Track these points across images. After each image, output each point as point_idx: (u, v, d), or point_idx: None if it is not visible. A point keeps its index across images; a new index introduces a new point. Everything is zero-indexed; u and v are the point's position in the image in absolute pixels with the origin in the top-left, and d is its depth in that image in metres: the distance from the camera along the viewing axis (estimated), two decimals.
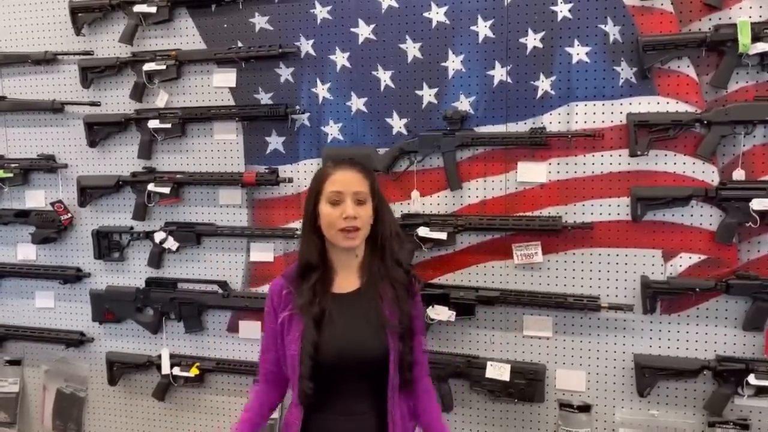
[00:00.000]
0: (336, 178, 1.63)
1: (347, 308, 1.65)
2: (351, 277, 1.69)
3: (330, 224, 1.61)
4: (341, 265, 1.69)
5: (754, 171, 2.07)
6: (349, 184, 1.62)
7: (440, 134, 2.31)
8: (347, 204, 1.60)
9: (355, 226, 1.61)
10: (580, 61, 2.18)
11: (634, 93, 2.15)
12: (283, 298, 1.67)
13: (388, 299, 1.65)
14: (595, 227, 2.20)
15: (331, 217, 1.61)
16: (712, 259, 2.12)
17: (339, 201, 1.61)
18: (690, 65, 2.09)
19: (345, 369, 1.61)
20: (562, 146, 2.22)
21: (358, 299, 1.66)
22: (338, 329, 1.61)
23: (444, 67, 2.31)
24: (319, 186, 1.65)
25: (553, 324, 2.29)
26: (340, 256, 1.68)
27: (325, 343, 1.59)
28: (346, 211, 1.59)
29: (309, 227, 1.67)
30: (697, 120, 2.06)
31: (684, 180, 2.12)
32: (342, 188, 1.62)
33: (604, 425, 2.26)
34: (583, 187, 2.22)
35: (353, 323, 1.63)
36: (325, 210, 1.62)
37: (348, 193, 1.61)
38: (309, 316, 1.60)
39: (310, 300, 1.61)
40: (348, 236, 1.61)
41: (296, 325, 1.62)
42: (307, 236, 1.68)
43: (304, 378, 1.58)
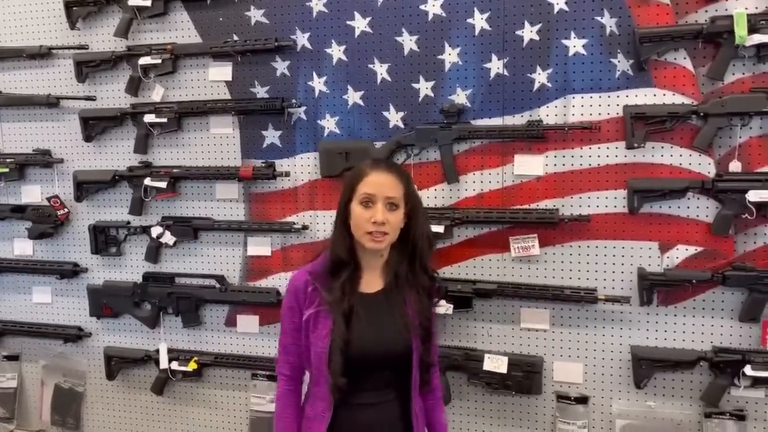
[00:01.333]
0: (370, 180, 1.62)
1: (373, 308, 1.66)
2: (375, 277, 1.70)
3: (358, 225, 1.62)
4: (367, 264, 1.69)
5: (750, 162, 2.07)
6: (382, 188, 1.61)
7: (437, 127, 2.31)
8: (378, 208, 1.60)
9: (383, 231, 1.61)
10: (577, 53, 2.18)
11: (630, 85, 2.14)
12: (308, 294, 1.66)
13: (411, 302, 1.69)
14: (592, 220, 2.20)
15: (360, 218, 1.61)
16: (709, 251, 2.13)
17: (370, 203, 1.61)
18: (686, 57, 2.09)
19: (371, 365, 1.64)
20: (559, 139, 2.22)
21: (384, 300, 1.68)
22: (366, 327, 1.62)
23: (440, 60, 2.31)
24: (354, 185, 1.64)
25: (551, 316, 2.30)
26: (366, 256, 1.68)
27: (353, 340, 1.60)
28: (376, 216, 1.59)
29: (340, 223, 1.67)
30: (694, 112, 2.06)
31: (680, 172, 2.12)
32: (375, 191, 1.61)
33: (602, 417, 2.27)
34: (580, 180, 2.22)
35: (380, 322, 1.65)
36: (356, 210, 1.62)
37: (380, 197, 1.61)
38: (339, 313, 1.60)
39: (341, 297, 1.62)
40: (374, 239, 1.61)
41: (324, 322, 1.62)
42: (338, 231, 1.68)
43: (336, 374, 1.58)
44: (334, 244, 1.68)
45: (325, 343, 1.60)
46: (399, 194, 1.64)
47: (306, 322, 1.65)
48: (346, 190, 1.67)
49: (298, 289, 1.68)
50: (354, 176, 1.67)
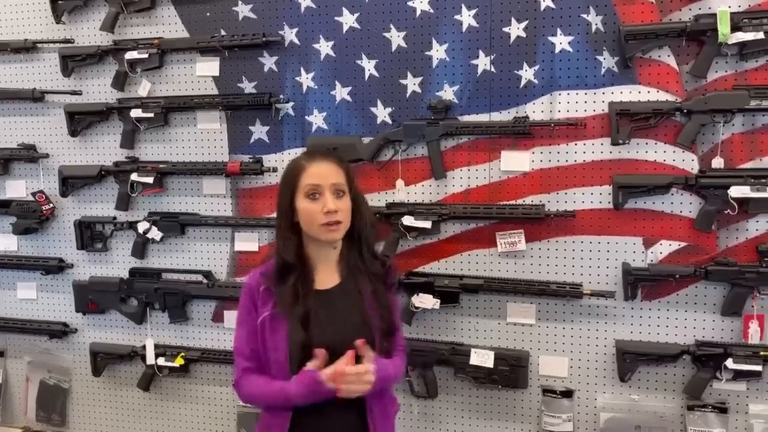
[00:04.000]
0: (312, 171, 1.59)
1: (330, 305, 1.62)
2: (330, 272, 1.66)
3: (310, 220, 1.57)
4: (320, 259, 1.65)
5: (732, 159, 2.10)
6: (326, 177, 1.59)
7: (424, 123, 2.32)
8: (327, 197, 1.57)
9: (337, 220, 1.58)
10: (563, 50, 2.20)
11: (615, 82, 2.17)
12: (260, 294, 1.62)
13: (368, 293, 1.64)
14: (578, 215, 2.22)
15: (311, 212, 1.57)
16: (692, 246, 2.16)
17: (317, 194, 1.57)
18: (670, 55, 2.12)
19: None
20: (545, 135, 2.24)
21: (340, 295, 1.63)
22: (324, 328, 1.58)
23: (428, 56, 2.32)
24: (294, 180, 1.60)
25: (537, 311, 2.32)
26: (318, 251, 1.65)
27: (313, 342, 1.55)
28: (327, 204, 1.56)
29: (285, 224, 1.62)
30: (678, 109, 2.09)
31: (665, 168, 2.15)
32: (319, 181, 1.58)
33: (586, 410, 2.29)
34: (566, 176, 2.24)
35: (338, 321, 1.61)
36: (303, 205, 1.58)
37: (326, 185, 1.58)
38: (294, 317, 1.56)
39: (293, 300, 1.57)
40: (330, 229, 1.58)
41: (280, 326, 1.58)
42: (283, 234, 1.63)
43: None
44: (280, 248, 1.63)
45: (284, 348, 1.56)
46: (343, 180, 1.61)
47: (261, 325, 1.60)
48: (286, 189, 1.62)
49: (253, 288, 1.63)
50: (292, 172, 1.62)
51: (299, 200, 1.59)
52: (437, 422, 2.44)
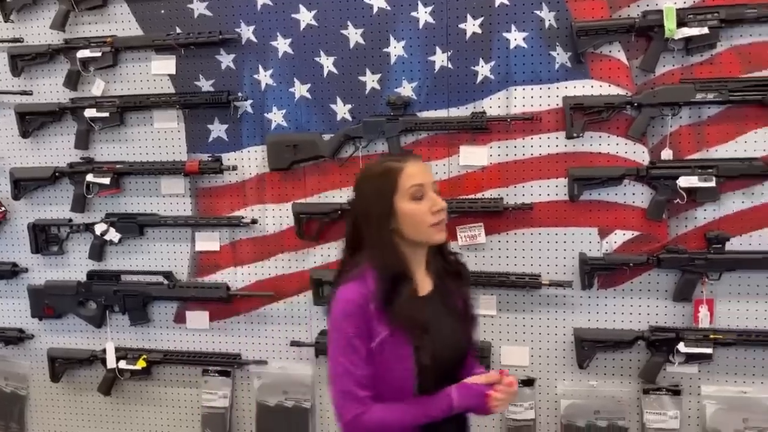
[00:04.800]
0: (411, 171, 1.48)
1: (436, 311, 1.52)
2: (423, 277, 1.55)
3: (419, 221, 1.46)
4: (415, 266, 1.53)
5: (681, 150, 2.18)
6: (426, 176, 1.51)
7: (384, 120, 2.33)
8: (432, 196, 1.48)
9: (444, 219, 1.51)
10: (518, 46, 2.24)
11: (569, 77, 2.22)
12: (372, 315, 1.44)
13: (457, 294, 1.59)
14: (535, 207, 2.27)
15: (418, 213, 1.46)
16: (645, 235, 2.23)
17: (422, 195, 1.47)
18: (621, 50, 2.18)
19: (450, 371, 1.52)
20: (502, 130, 2.28)
21: (438, 300, 1.53)
22: (441, 336, 1.48)
23: (386, 53, 2.34)
24: (392, 184, 1.47)
25: (497, 302, 2.36)
26: (414, 256, 1.52)
27: (437, 351, 1.45)
28: (438, 203, 1.47)
29: (384, 232, 1.47)
30: (628, 102, 2.16)
31: (617, 160, 2.22)
32: (422, 180, 1.48)
33: (547, 397, 2.35)
34: (523, 169, 2.29)
35: (447, 324, 1.52)
36: (408, 207, 1.46)
37: (428, 184, 1.49)
38: (418, 330, 1.44)
39: (411, 311, 1.44)
40: (440, 229, 1.49)
41: (402, 342, 1.44)
42: (385, 242, 1.48)
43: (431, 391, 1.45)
44: (384, 258, 1.47)
45: (410, 363, 1.43)
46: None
47: (379, 347, 1.43)
48: (384, 193, 1.48)
49: (363, 309, 1.43)
50: (387, 175, 1.48)
51: (402, 203, 1.47)
52: None
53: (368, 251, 1.49)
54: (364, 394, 1.42)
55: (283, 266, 2.49)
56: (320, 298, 2.43)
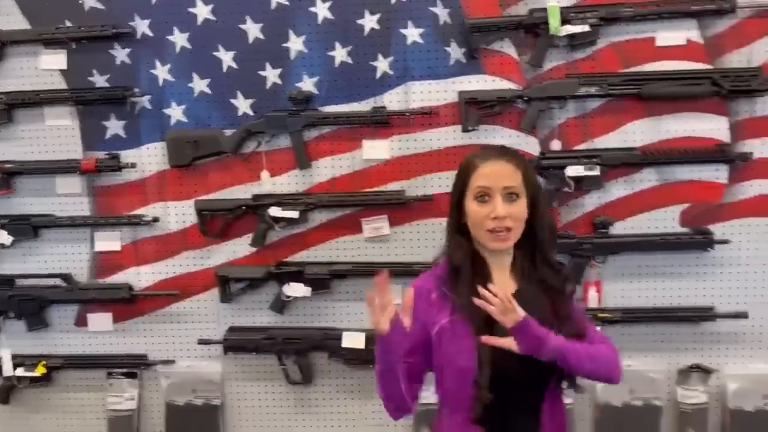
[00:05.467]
0: (483, 171, 1.43)
1: None
2: (505, 279, 1.49)
3: (477, 224, 1.44)
4: (494, 264, 1.48)
5: (568, 141, 2.31)
6: (498, 179, 1.42)
7: (286, 114, 2.34)
8: (496, 201, 1.41)
9: (507, 227, 1.42)
10: (415, 42, 2.30)
11: (464, 72, 2.30)
12: (433, 302, 1.45)
13: (546, 305, 1.47)
14: (435, 199, 2.34)
15: (478, 215, 1.43)
16: None
17: (487, 197, 1.43)
18: (511, 46, 2.28)
19: (519, 382, 1.43)
20: (403, 124, 2.34)
21: (522, 304, 1.39)
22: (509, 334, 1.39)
23: (286, 48, 2.34)
24: (464, 179, 1.46)
25: (403, 291, 2.41)
26: (491, 255, 1.48)
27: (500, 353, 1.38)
28: (495, 210, 1.40)
29: (453, 224, 1.50)
30: (519, 96, 2.26)
31: None
32: (490, 183, 1.42)
33: None
34: (423, 162, 2.36)
35: None
36: (471, 207, 1.44)
37: (497, 188, 1.42)
38: (479, 319, 1.39)
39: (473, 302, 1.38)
40: (498, 237, 1.42)
41: (463, 331, 1.41)
42: (452, 236, 1.50)
43: (483, 388, 1.38)
44: (450, 250, 1.49)
45: (470, 356, 1.39)
46: (518, 182, 1.44)
47: (438, 335, 1.43)
48: (456, 188, 1.49)
49: (419, 297, 1.44)
50: (464, 170, 1.48)
51: (468, 201, 1.45)
52: (315, 407, 2.50)
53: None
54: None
55: (188, 264, 2.46)
56: (227, 296, 2.42)
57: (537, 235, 1.49)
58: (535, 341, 1.37)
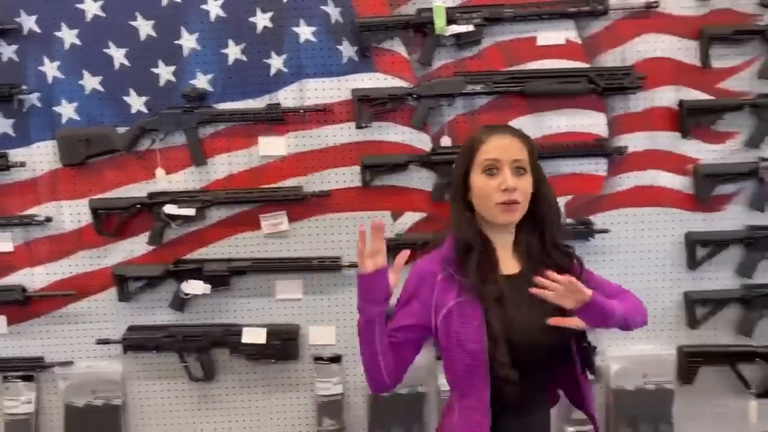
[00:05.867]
0: (491, 144, 1.43)
1: (519, 291, 1.41)
2: (509, 259, 1.49)
3: (485, 197, 1.42)
4: (497, 243, 1.48)
5: (458, 137, 2.39)
6: (507, 151, 1.42)
7: (180, 112, 2.34)
8: (505, 174, 1.41)
9: (514, 200, 1.41)
10: (308, 40, 2.34)
11: (356, 70, 2.35)
12: (438, 285, 1.43)
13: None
14: (332, 194, 2.39)
15: (486, 189, 1.42)
16: (432, 216, 2.43)
17: (495, 170, 1.42)
18: (401, 45, 2.35)
19: (531, 359, 1.42)
20: (298, 121, 2.37)
21: (525, 283, 1.38)
22: (521, 313, 1.40)
23: (179, 45, 2.34)
24: (470, 154, 1.45)
25: (303, 286, 2.47)
26: (494, 234, 1.48)
27: (510, 331, 1.38)
28: (506, 182, 1.40)
29: (458, 202, 1.48)
30: (409, 94, 2.33)
31: (404, 148, 2.39)
32: (499, 155, 1.42)
33: (354, 371, 2.49)
34: (320, 158, 2.40)
35: (529, 310, 1.41)
36: (478, 181, 1.43)
37: (506, 161, 1.41)
38: (489, 299, 1.38)
39: (483, 279, 1.39)
40: (507, 209, 1.42)
41: (472, 313, 1.39)
42: (458, 211, 1.47)
43: (505, 366, 1.36)
44: (457, 226, 1.46)
45: (479, 336, 1.38)
46: (525, 157, 1.44)
47: (446, 318, 1.41)
48: (462, 162, 1.47)
49: (424, 276, 1.45)
50: (470, 144, 1.47)
51: (474, 176, 1.44)
52: (218, 403, 2.51)
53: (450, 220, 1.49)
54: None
55: (84, 264, 2.43)
56: (125, 295, 2.41)
57: (542, 215, 1.49)
58: (603, 315, 1.38)
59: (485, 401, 1.40)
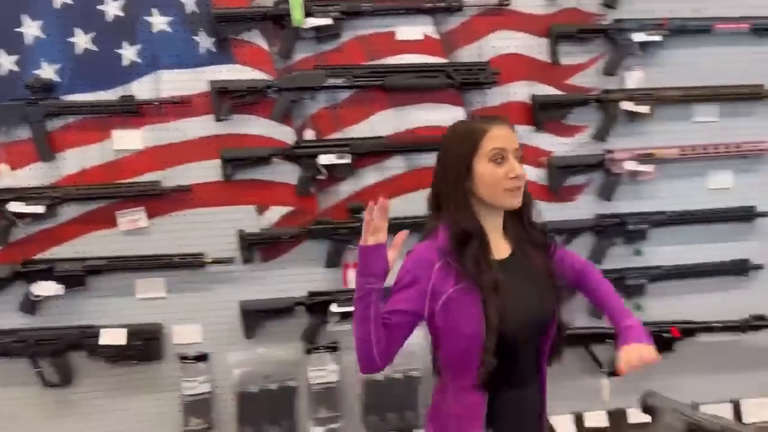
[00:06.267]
0: (496, 134, 1.48)
1: (512, 275, 1.50)
2: (500, 242, 1.56)
3: (494, 185, 1.48)
4: (490, 228, 1.54)
5: (322, 131, 2.39)
6: (510, 141, 1.49)
7: (24, 104, 2.21)
8: (512, 162, 1.47)
9: (519, 186, 1.49)
10: (162, 30, 2.27)
11: (214, 61, 2.30)
12: (435, 272, 1.46)
13: (539, 265, 1.56)
14: (194, 189, 2.33)
15: (495, 176, 1.47)
16: (298, 210, 2.42)
17: (501, 159, 1.47)
18: (261, 36, 2.32)
19: (524, 338, 1.52)
20: (154, 113, 2.30)
21: (517, 266, 1.53)
22: (515, 297, 1.48)
23: (20, 33, 2.21)
24: (474, 143, 1.48)
25: (166, 284, 2.40)
26: (487, 219, 1.53)
27: (507, 314, 1.45)
28: (515, 170, 1.47)
29: (459, 191, 1.50)
30: (269, 86, 2.30)
31: (267, 141, 2.36)
32: (505, 144, 1.48)
33: (221, 369, 2.45)
34: (179, 152, 2.33)
35: (525, 290, 1.51)
36: (485, 169, 1.47)
37: (510, 150, 1.48)
38: (486, 286, 1.44)
39: (480, 269, 1.45)
40: (515, 195, 1.49)
41: (470, 299, 1.45)
42: (459, 201, 1.50)
43: (488, 352, 1.44)
44: (456, 216, 1.50)
45: (478, 322, 1.44)
46: (519, 145, 1.53)
47: (444, 306, 1.46)
48: (463, 151, 1.49)
49: (424, 264, 1.47)
50: (470, 135, 1.50)
51: (480, 164, 1.48)
52: (76, 408, 2.40)
53: (444, 209, 1.52)
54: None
55: None
56: None
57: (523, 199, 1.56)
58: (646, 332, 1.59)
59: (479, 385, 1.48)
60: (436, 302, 1.47)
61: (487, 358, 1.45)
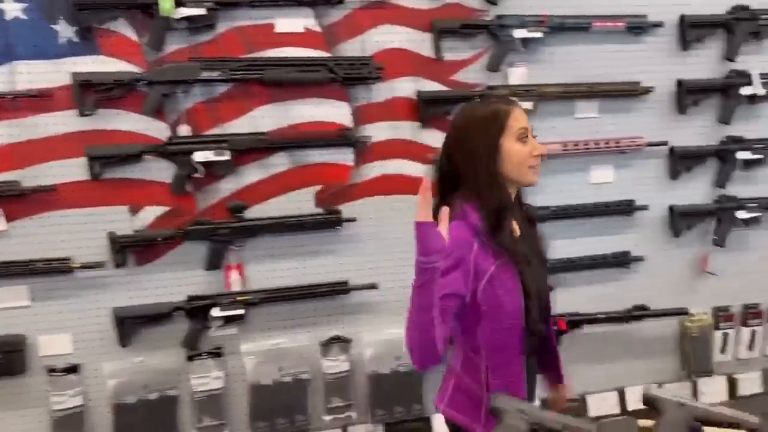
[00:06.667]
0: (518, 115, 1.54)
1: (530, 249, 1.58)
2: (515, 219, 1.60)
3: (521, 161, 1.53)
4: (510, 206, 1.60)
5: (199, 126, 2.28)
6: (527, 120, 1.56)
7: None
8: (534, 141, 1.55)
9: (539, 163, 1.56)
10: (17, 18, 2.09)
11: (76, 52, 2.15)
12: (474, 252, 1.47)
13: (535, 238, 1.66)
14: (58, 189, 2.18)
15: (521, 154, 1.52)
16: (175, 209, 2.30)
17: (526, 137, 1.53)
18: (129, 26, 2.18)
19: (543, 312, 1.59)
20: (10, 108, 2.12)
21: (529, 240, 1.61)
22: (535, 271, 1.56)
23: None
24: (502, 123, 1.52)
25: (30, 291, 2.22)
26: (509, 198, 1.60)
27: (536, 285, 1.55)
28: (538, 147, 1.55)
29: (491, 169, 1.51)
30: (138, 79, 2.17)
31: (138, 137, 2.23)
32: (527, 124, 1.54)
33: (95, 381, 2.30)
34: (40, 149, 2.17)
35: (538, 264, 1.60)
36: (514, 147, 1.52)
37: (530, 129, 1.55)
38: (522, 259, 1.52)
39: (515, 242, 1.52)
40: (537, 171, 1.56)
41: (509, 273, 1.50)
42: (492, 179, 1.52)
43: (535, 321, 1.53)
44: (493, 193, 1.51)
45: (518, 294, 1.50)
46: None
47: (488, 284, 1.48)
48: (493, 131, 1.51)
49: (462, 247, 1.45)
50: (497, 115, 1.53)
51: (508, 143, 1.52)
52: None
53: (470, 190, 1.52)
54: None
55: None
56: None
57: None
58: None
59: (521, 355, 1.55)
60: (479, 282, 1.49)
61: (535, 326, 1.54)
